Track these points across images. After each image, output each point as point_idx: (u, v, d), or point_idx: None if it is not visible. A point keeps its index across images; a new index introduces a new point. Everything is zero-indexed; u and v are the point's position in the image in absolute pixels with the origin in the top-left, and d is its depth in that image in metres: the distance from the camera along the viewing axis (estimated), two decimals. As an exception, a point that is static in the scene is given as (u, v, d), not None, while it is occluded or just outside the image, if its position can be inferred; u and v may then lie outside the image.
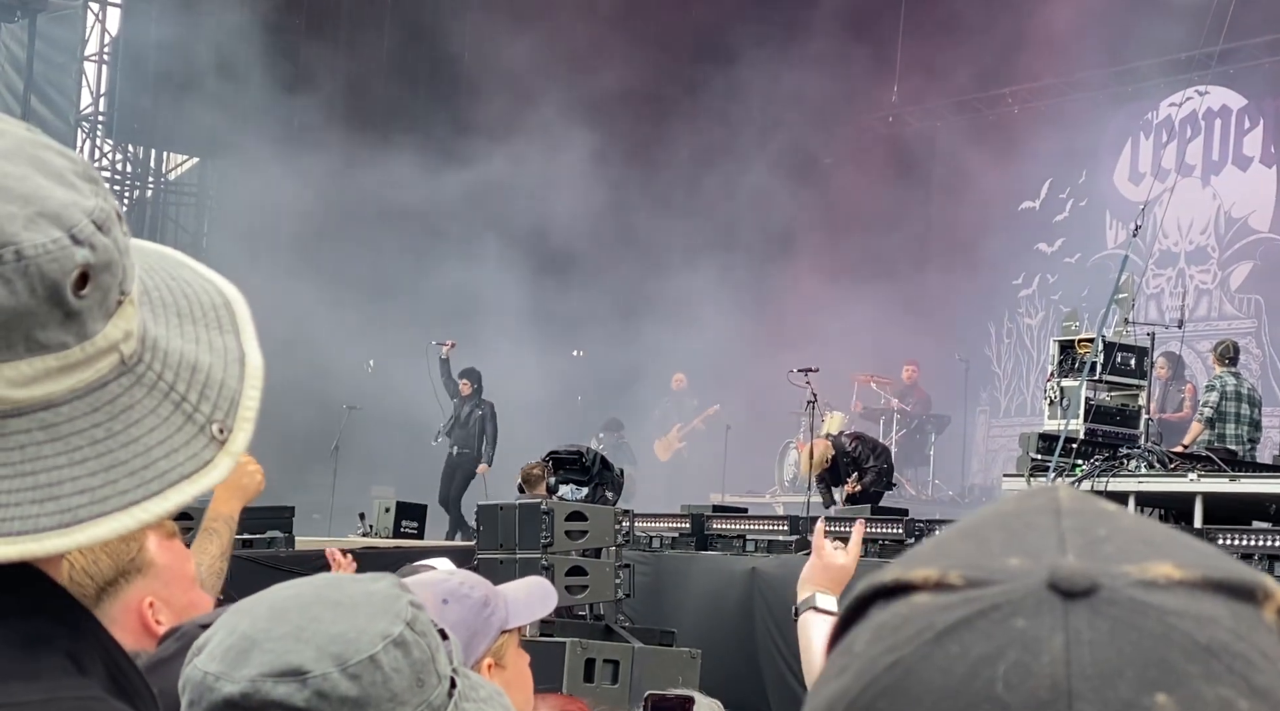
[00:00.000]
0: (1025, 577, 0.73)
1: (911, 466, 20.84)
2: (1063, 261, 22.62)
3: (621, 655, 11.15)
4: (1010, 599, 0.73)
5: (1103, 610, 0.71)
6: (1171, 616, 0.71)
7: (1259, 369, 20.15)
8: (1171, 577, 0.73)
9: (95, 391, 1.08)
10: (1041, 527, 0.76)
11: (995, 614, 0.72)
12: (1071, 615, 0.71)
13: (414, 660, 1.55)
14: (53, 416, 1.06)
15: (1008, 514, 0.78)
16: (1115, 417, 14.27)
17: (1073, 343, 14.51)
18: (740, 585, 13.28)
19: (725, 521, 14.86)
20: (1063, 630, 0.71)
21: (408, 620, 1.57)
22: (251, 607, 1.58)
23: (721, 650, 12.37)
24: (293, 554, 13.99)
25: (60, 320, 1.05)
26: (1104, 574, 0.73)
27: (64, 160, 1.10)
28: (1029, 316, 22.99)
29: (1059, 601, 0.72)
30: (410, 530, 16.49)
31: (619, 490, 15.28)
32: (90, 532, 1.05)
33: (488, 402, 18.60)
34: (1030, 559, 0.74)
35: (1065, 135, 21.98)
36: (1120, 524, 0.76)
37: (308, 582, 1.63)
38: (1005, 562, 0.74)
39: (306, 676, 1.49)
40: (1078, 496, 0.78)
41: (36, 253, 1.03)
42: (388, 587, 1.60)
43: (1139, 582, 0.72)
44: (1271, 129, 20.46)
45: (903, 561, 0.78)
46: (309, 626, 1.53)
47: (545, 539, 11.90)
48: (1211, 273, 20.93)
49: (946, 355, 21.56)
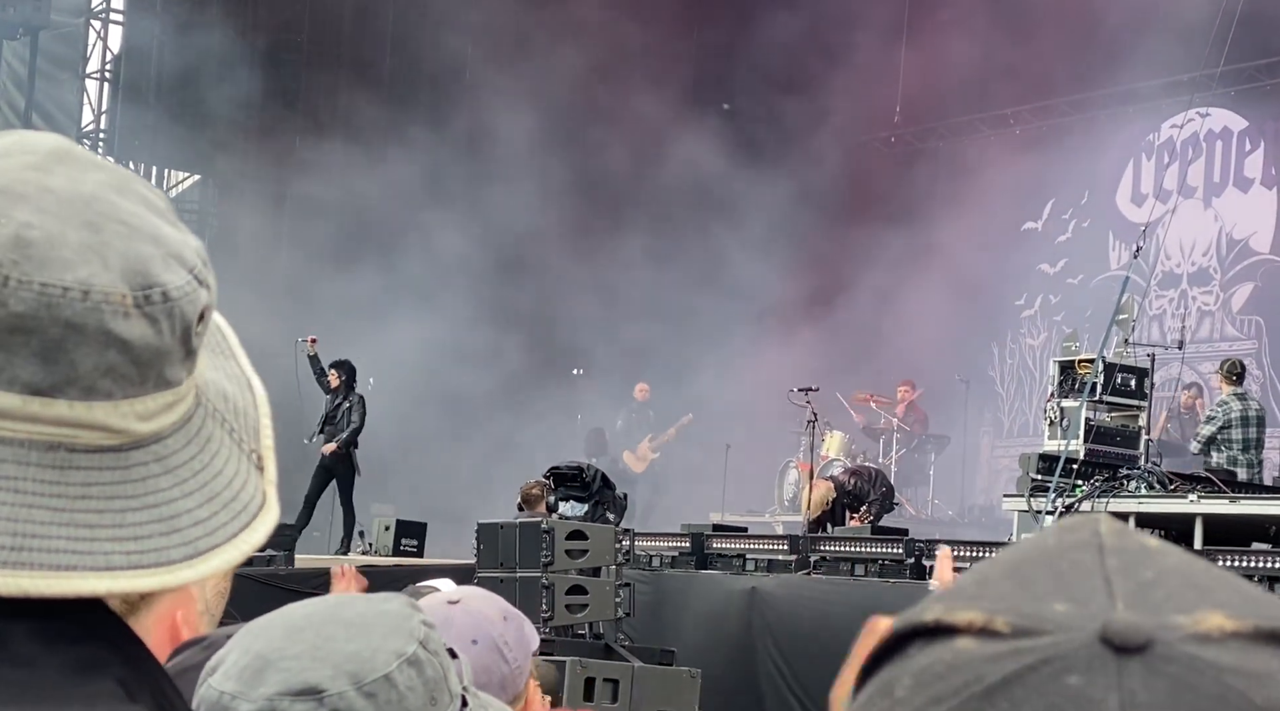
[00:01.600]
0: (1075, 629, 0.71)
1: (911, 486, 20.82)
2: (1065, 282, 22.63)
3: (621, 674, 11.14)
4: (1061, 653, 0.70)
5: (1158, 668, 0.70)
6: (1228, 675, 0.69)
7: (1260, 390, 20.14)
8: (1225, 630, 0.71)
9: (187, 424, 1.10)
10: (1086, 568, 0.74)
11: (1046, 669, 0.70)
12: (1125, 673, 0.70)
13: (427, 678, 1.56)
14: (163, 449, 1.08)
15: (1050, 551, 0.76)
16: (1115, 438, 14.26)
17: (1073, 363, 14.51)
18: (740, 604, 13.26)
19: (725, 540, 14.84)
20: (1117, 690, 0.69)
21: (421, 639, 1.58)
22: (265, 627, 1.59)
23: (721, 669, 12.36)
24: (293, 572, 13.98)
25: (183, 358, 1.08)
26: (1157, 627, 0.71)
27: (160, 199, 1.13)
28: (1031, 337, 22.99)
29: (1112, 657, 0.70)
30: (410, 548, 16.48)
31: (621, 513, 15.26)
32: (211, 564, 1.08)
33: (358, 395, 18.01)
34: (1077, 605, 0.72)
35: (1067, 156, 22.01)
36: (1165, 564, 0.74)
37: (321, 602, 1.64)
38: (1052, 608, 0.72)
39: (323, 695, 1.50)
40: (1119, 531, 0.76)
41: (179, 295, 1.07)
42: (400, 607, 1.62)
43: (1192, 636, 0.70)
44: (1272, 151, 20.48)
45: (944, 600, 0.76)
46: (324, 645, 1.54)
47: (545, 557, 11.88)
48: (1213, 294, 20.94)
49: (947, 375, 21.55)
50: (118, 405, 1.05)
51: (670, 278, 23.38)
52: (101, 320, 1.04)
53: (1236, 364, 15.03)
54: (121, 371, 1.05)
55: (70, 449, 1.05)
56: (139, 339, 1.05)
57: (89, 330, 1.04)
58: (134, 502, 1.06)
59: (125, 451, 1.07)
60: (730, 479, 20.08)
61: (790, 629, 12.86)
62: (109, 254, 1.05)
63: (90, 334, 1.04)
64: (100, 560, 1.04)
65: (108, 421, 1.05)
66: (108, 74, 23.34)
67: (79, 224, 1.06)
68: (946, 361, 21.69)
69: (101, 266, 1.05)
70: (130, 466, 1.07)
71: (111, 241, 1.06)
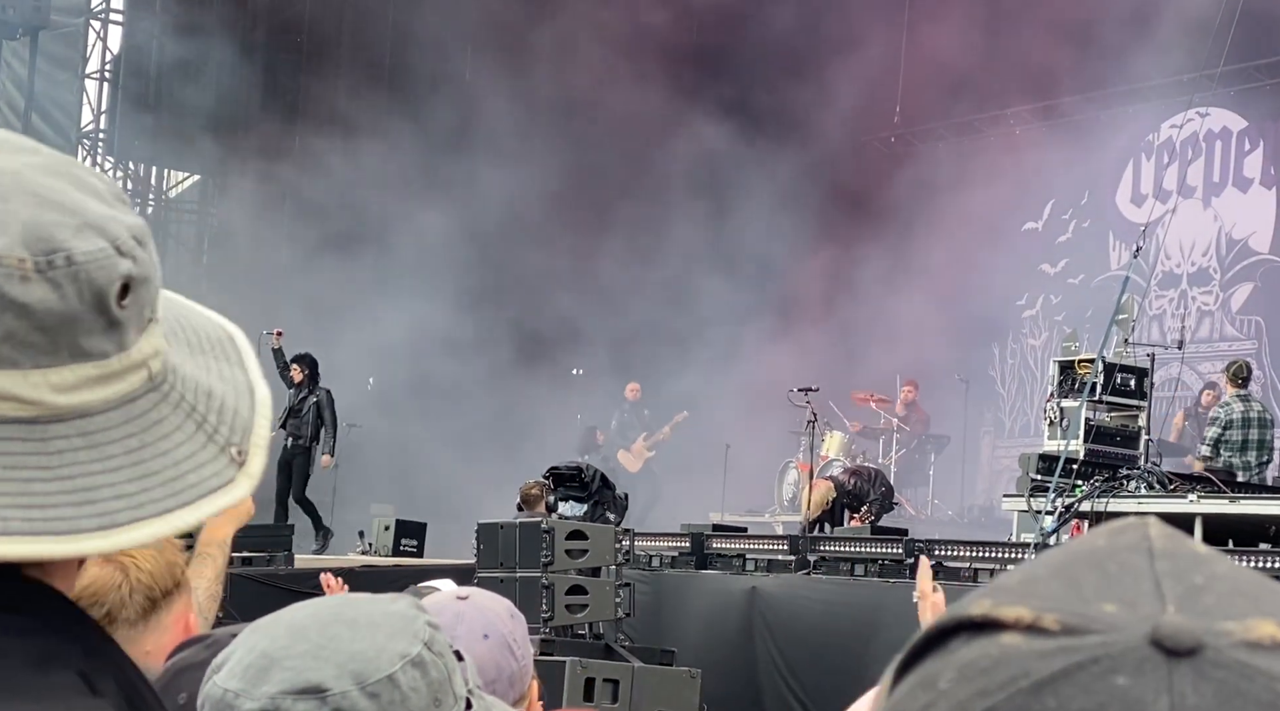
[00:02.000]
0: (1125, 630, 0.71)
1: (911, 486, 20.81)
2: (1066, 282, 22.64)
3: (621, 674, 11.14)
4: (1110, 652, 0.70)
5: (1208, 673, 0.69)
6: (1279, 682, 0.69)
7: (1260, 391, 20.13)
8: (1277, 638, 0.71)
9: (127, 404, 1.10)
10: (1136, 570, 0.74)
11: (1095, 668, 0.70)
12: (1175, 676, 0.69)
13: (431, 680, 1.56)
14: (89, 425, 1.08)
15: (1099, 551, 0.75)
16: (1115, 438, 14.27)
17: (1073, 363, 14.51)
18: (740, 604, 13.27)
19: (725, 540, 14.84)
20: (1167, 692, 0.69)
21: (425, 640, 1.58)
22: (270, 626, 1.59)
23: (721, 669, 12.36)
24: (292, 572, 13.99)
25: (103, 329, 1.07)
26: (1208, 632, 0.70)
27: (98, 181, 1.13)
28: (1033, 337, 22.99)
29: (1162, 660, 0.70)
30: (410, 548, 16.48)
31: (622, 513, 15.26)
32: (129, 536, 1.07)
33: (324, 389, 17.56)
34: (1127, 607, 0.72)
35: (1067, 156, 22.01)
36: (1215, 571, 0.74)
37: (325, 602, 1.64)
38: (1101, 609, 0.72)
39: (326, 694, 1.51)
40: (1169, 535, 0.76)
41: (86, 259, 1.06)
42: (405, 607, 1.62)
43: (1243, 644, 0.70)
44: (1272, 151, 20.49)
45: (990, 595, 0.75)
46: (328, 645, 1.54)
47: (545, 557, 11.89)
48: (1213, 294, 20.95)
49: (948, 375, 21.55)
50: (27, 375, 1.05)
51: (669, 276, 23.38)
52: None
53: (1243, 366, 15.01)
54: (25, 338, 1.04)
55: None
56: (39, 303, 1.04)
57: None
58: (44, 473, 1.05)
59: (44, 424, 1.06)
60: (730, 479, 20.08)
61: (790, 628, 12.86)
62: (10, 221, 1.05)
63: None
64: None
65: (16, 391, 1.05)
66: (107, 74, 23.34)
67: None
68: (947, 361, 21.69)
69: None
70: (48, 439, 1.06)
71: (16, 210, 1.06)
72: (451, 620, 2.73)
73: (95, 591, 2.62)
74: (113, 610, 2.61)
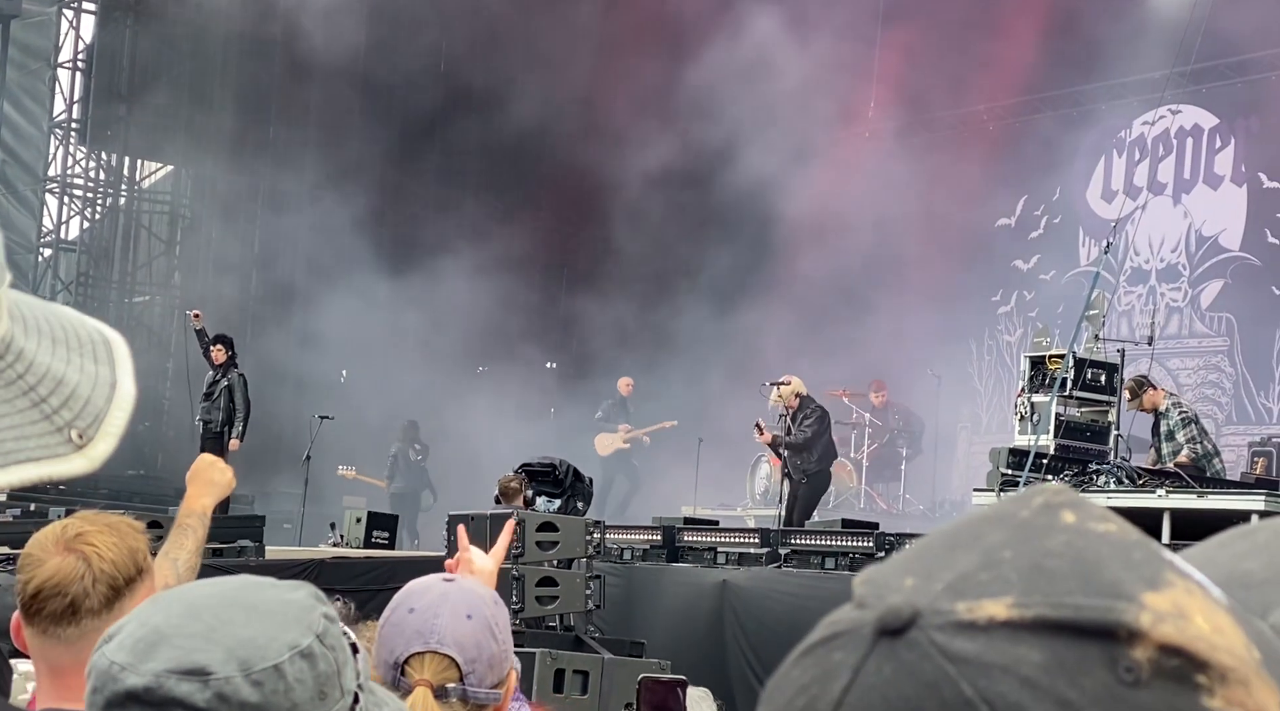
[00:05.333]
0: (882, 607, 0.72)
1: (883, 481, 20.88)
2: (1038, 278, 22.71)
3: (591, 666, 11.15)
4: (851, 628, 0.72)
5: (898, 652, 0.71)
6: (955, 664, 0.70)
7: (1232, 387, 20.26)
8: (995, 618, 0.71)
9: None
10: (973, 544, 0.74)
11: (833, 641, 0.72)
12: (872, 655, 0.71)
13: (319, 672, 1.55)
14: None
15: (974, 521, 0.77)
16: (1085, 433, 14.35)
17: (1044, 358, 14.58)
18: (711, 597, 13.30)
19: (696, 534, 14.88)
20: (853, 669, 0.71)
21: (318, 632, 1.57)
22: (169, 601, 1.59)
23: (691, 661, 12.37)
24: (262, 563, 13.96)
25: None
26: (929, 611, 0.71)
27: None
28: (1008, 334, 23.05)
29: (873, 638, 0.71)
30: (381, 540, 16.46)
31: (589, 500, 15.29)
32: None
33: (238, 373, 17.27)
34: (921, 580, 0.73)
35: (1039, 152, 22.08)
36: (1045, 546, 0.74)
37: (227, 582, 1.63)
38: (902, 582, 0.73)
39: (209, 677, 1.49)
40: (1047, 509, 0.76)
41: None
42: (305, 597, 1.60)
43: (954, 623, 0.71)
44: (1242, 148, 20.57)
45: (882, 562, 0.77)
46: (220, 627, 1.54)
47: (516, 549, 11.89)
48: (1182, 291, 21.03)
49: (921, 371, 21.60)
50: None
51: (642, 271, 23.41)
52: None
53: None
54: None
55: None
56: None
57: None
58: None
59: None
60: (702, 473, 20.11)
61: (760, 622, 12.90)
62: None
63: None
64: None
65: None
66: (80, 64, 23.24)
67: None
68: (922, 357, 21.74)
69: None
70: None
71: None
72: (437, 599, 2.78)
73: (58, 582, 2.61)
74: (76, 600, 2.61)
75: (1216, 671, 0.71)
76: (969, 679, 0.69)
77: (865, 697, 0.70)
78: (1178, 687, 0.70)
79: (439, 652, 2.73)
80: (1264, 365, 19.95)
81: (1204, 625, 0.72)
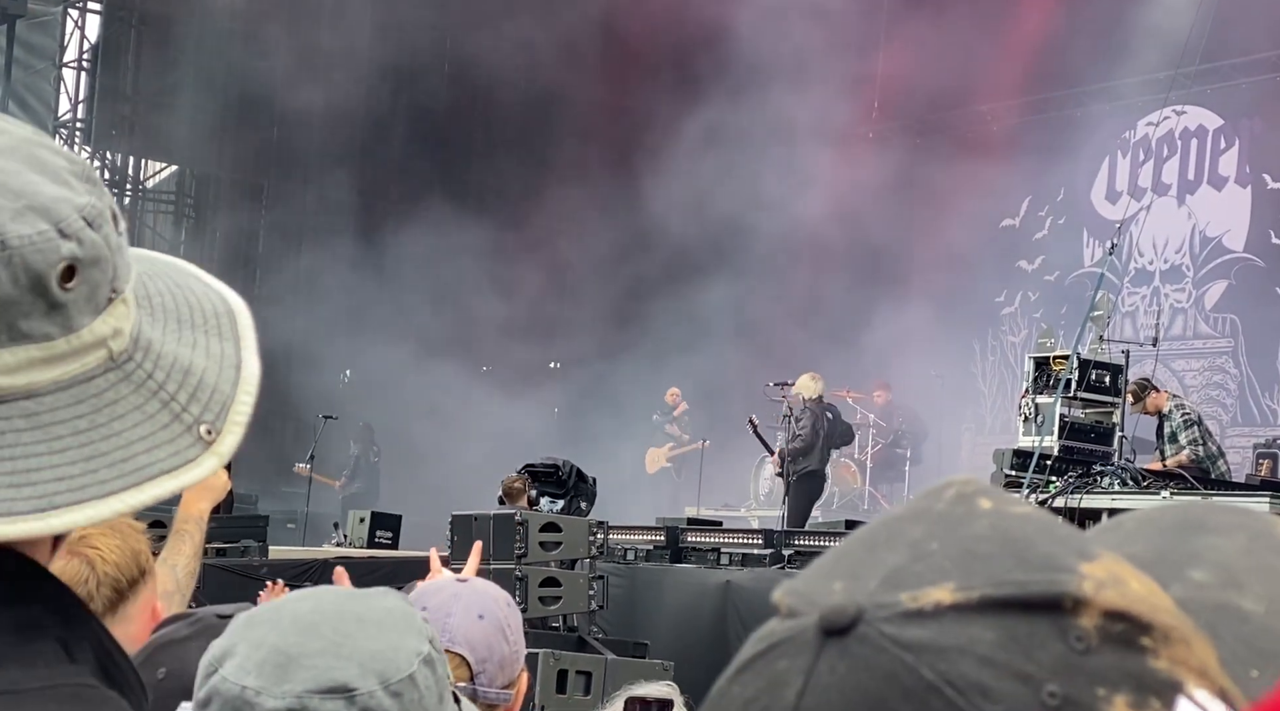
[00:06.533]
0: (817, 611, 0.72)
1: (886, 482, 20.87)
2: (1042, 279, 22.69)
3: (594, 666, 11.15)
4: (791, 636, 0.72)
5: (851, 649, 0.71)
6: (911, 652, 0.70)
7: (1236, 388, 20.23)
8: (942, 604, 0.71)
9: (81, 385, 1.09)
10: (893, 540, 0.74)
11: (771, 652, 0.73)
12: (823, 656, 0.71)
13: (438, 677, 1.58)
14: (35, 405, 1.07)
15: (889, 522, 0.77)
16: (1090, 434, 14.32)
17: (1048, 359, 14.56)
18: (714, 598, 13.29)
19: (700, 534, 14.87)
20: (804, 673, 0.71)
21: (430, 637, 1.59)
22: (272, 620, 1.56)
23: (694, 663, 12.35)
24: (266, 563, 13.96)
25: (44, 311, 1.07)
26: (872, 605, 0.71)
27: (61, 159, 1.12)
28: (1012, 334, 23.03)
29: (818, 640, 0.72)
30: (384, 540, 16.46)
31: (592, 501, 15.28)
32: (66, 518, 1.06)
33: None
34: (851, 583, 0.73)
35: (1043, 153, 22.05)
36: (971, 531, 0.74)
37: (321, 595, 1.63)
38: (830, 587, 0.73)
39: (354, 694, 1.50)
40: (961, 499, 0.76)
41: (21, 243, 1.06)
42: (401, 604, 1.62)
43: (900, 614, 0.71)
44: (1246, 149, 20.54)
45: (799, 575, 0.77)
46: (345, 642, 1.53)
47: (520, 550, 11.89)
48: (1186, 291, 21.01)
49: (924, 371, 21.59)
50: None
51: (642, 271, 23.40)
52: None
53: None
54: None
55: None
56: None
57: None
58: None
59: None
60: (706, 473, 20.10)
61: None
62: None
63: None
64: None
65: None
66: (85, 63, 23.25)
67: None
68: (925, 358, 21.72)
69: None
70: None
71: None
72: (449, 599, 2.78)
73: None
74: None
75: (1160, 632, 0.72)
76: (928, 663, 0.70)
77: (823, 698, 0.70)
78: (1126, 651, 0.71)
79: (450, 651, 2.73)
80: (1268, 366, 19.92)
81: (1141, 588, 0.73)
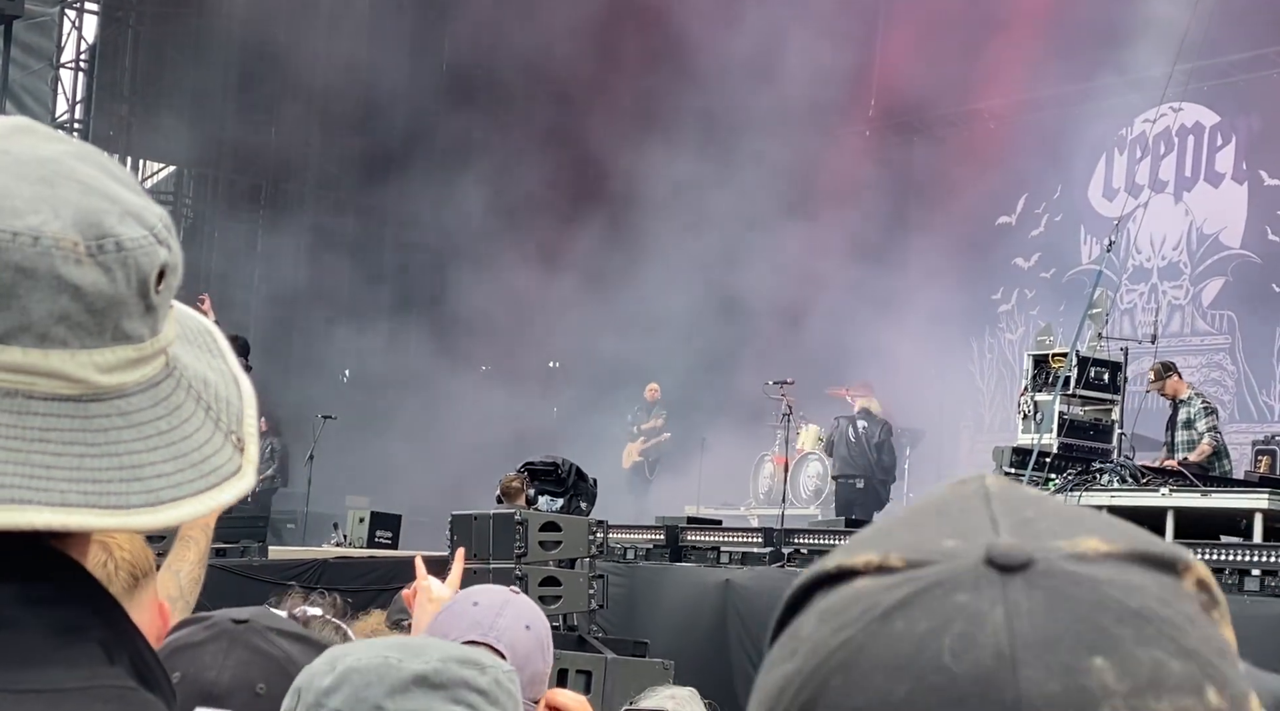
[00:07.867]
0: (963, 557, 0.77)
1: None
2: (1039, 277, 22.70)
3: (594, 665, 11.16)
4: (951, 576, 0.76)
5: (1038, 582, 0.75)
6: (1104, 585, 0.75)
7: (1234, 385, 20.24)
8: (1099, 551, 0.77)
9: (153, 388, 1.13)
10: (973, 511, 0.80)
11: (938, 591, 0.76)
12: (1009, 588, 0.75)
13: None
14: (126, 405, 1.11)
15: (942, 500, 0.82)
16: (1089, 432, 14.33)
17: (1047, 357, 14.57)
18: (714, 597, 13.30)
19: (700, 533, 14.88)
20: (1002, 602, 0.75)
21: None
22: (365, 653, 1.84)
23: (695, 661, 12.37)
24: (266, 563, 13.97)
25: (142, 313, 1.11)
26: (1038, 548, 0.76)
27: (122, 171, 1.16)
28: (1010, 332, 23.04)
29: (997, 576, 0.76)
30: (384, 540, 16.47)
31: (592, 500, 15.28)
32: (171, 513, 1.10)
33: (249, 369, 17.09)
34: (965, 540, 0.78)
35: (1040, 151, 22.06)
36: (1045, 507, 0.80)
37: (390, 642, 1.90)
38: (942, 544, 0.78)
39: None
40: (1004, 483, 0.82)
41: (134, 245, 1.10)
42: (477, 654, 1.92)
43: (1070, 556, 0.76)
44: (1243, 146, 20.56)
45: (844, 549, 0.81)
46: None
47: (519, 549, 11.89)
48: (1184, 288, 21.02)
49: (921, 369, 21.60)
50: (75, 355, 1.08)
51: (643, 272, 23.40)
52: (53, 265, 1.06)
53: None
54: (76, 319, 1.08)
55: (28, 396, 1.07)
56: (91, 286, 1.08)
57: (40, 275, 1.06)
58: (94, 449, 1.08)
59: (85, 402, 1.09)
60: (706, 472, 20.11)
61: (764, 621, 12.68)
62: (61, 206, 1.08)
63: (42, 279, 1.06)
64: (56, 497, 1.06)
65: (65, 370, 1.08)
66: (82, 64, 23.25)
67: (34, 180, 1.09)
68: (923, 356, 21.73)
69: (52, 215, 1.08)
70: (91, 417, 1.09)
71: (65, 195, 1.09)
72: (502, 601, 2.80)
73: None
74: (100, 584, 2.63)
75: (1223, 606, 0.80)
76: (1125, 596, 0.75)
77: (1031, 622, 0.74)
78: (1211, 618, 0.79)
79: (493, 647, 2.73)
80: (1265, 363, 19.94)
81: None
